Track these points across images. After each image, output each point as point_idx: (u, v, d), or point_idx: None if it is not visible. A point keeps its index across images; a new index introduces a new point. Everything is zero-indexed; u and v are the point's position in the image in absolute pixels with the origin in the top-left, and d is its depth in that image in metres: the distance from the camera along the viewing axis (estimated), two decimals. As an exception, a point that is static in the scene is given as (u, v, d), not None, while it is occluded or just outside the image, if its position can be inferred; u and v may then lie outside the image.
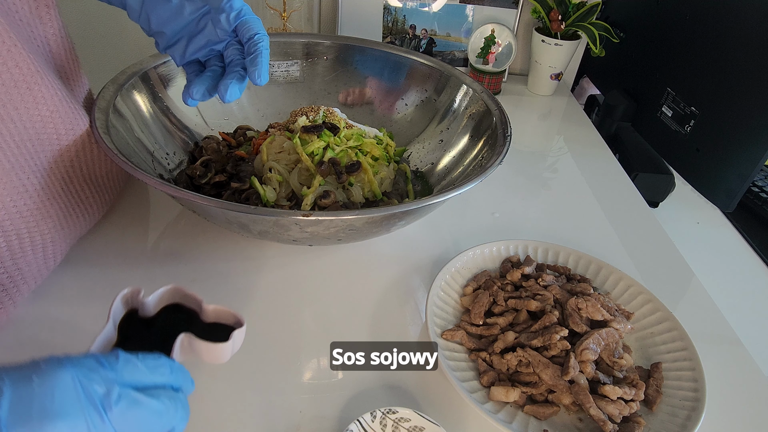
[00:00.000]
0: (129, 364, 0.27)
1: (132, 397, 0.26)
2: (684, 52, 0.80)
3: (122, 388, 0.26)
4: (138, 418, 0.26)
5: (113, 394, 0.25)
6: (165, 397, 0.28)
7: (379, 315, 0.52)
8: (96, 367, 0.26)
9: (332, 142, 0.59)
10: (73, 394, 0.24)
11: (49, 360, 0.25)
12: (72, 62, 0.51)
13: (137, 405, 0.26)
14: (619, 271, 0.54)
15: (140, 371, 0.28)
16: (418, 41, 1.02)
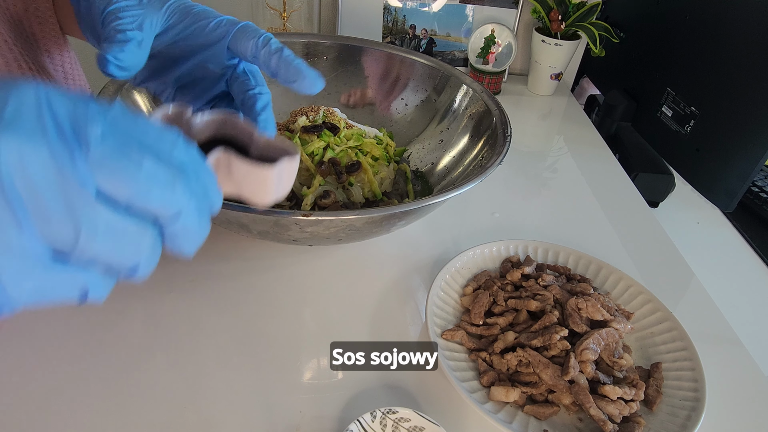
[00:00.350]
0: (126, 115, 0.20)
1: (122, 143, 0.18)
2: (684, 52, 0.80)
3: (109, 129, 0.18)
4: (126, 176, 0.19)
5: (94, 129, 0.18)
6: (167, 167, 0.20)
7: (379, 315, 0.52)
8: (78, 100, 0.19)
9: (332, 142, 0.59)
10: (34, 111, 0.17)
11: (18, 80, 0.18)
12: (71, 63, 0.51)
13: (126, 156, 0.18)
14: (619, 271, 0.54)
15: (141, 127, 0.20)
16: (418, 41, 1.02)
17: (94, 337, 0.47)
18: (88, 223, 0.18)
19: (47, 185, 0.17)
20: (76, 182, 0.18)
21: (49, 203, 0.17)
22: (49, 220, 0.17)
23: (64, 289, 0.20)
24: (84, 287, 0.20)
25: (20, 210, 0.17)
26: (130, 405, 0.42)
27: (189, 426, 0.41)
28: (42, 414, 0.40)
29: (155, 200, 0.19)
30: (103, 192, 0.18)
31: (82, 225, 0.18)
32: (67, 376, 0.43)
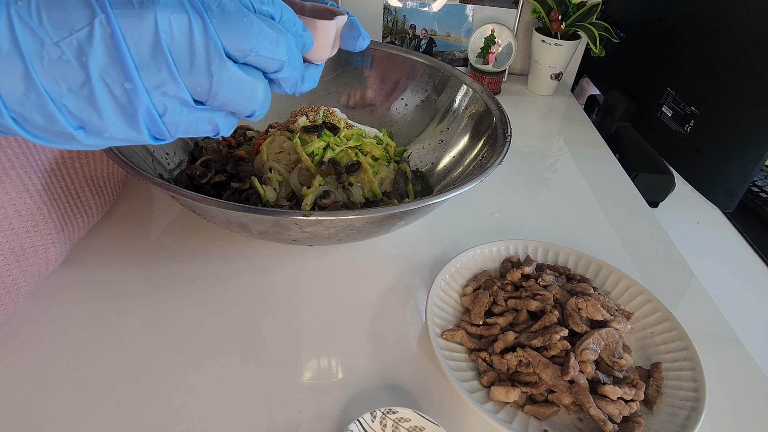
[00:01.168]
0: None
1: (236, 9, 0.24)
2: (684, 52, 0.80)
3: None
4: (242, 35, 0.24)
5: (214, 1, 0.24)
6: (271, 26, 0.26)
7: (379, 315, 0.52)
8: None
9: (332, 142, 0.59)
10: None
11: None
12: None
13: (240, 18, 0.24)
14: (619, 271, 0.54)
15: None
16: (418, 41, 1.02)
17: (94, 336, 0.47)
18: (218, 76, 0.24)
19: (189, 46, 0.23)
20: (210, 42, 0.23)
21: (191, 60, 0.23)
22: (192, 73, 0.23)
23: (202, 126, 0.26)
24: (215, 124, 0.26)
25: (173, 66, 0.23)
26: (130, 404, 0.42)
27: (189, 426, 0.41)
28: (42, 414, 0.40)
29: (265, 53, 0.25)
30: (227, 50, 0.24)
31: (214, 77, 0.24)
32: (67, 375, 0.43)
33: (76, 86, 0.22)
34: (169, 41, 0.23)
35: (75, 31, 0.21)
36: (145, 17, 0.22)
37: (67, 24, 0.21)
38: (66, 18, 0.21)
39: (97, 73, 0.22)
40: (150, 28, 0.22)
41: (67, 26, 0.21)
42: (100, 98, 0.23)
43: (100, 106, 0.23)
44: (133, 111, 0.23)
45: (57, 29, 0.21)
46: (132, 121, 0.24)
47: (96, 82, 0.22)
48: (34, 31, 0.21)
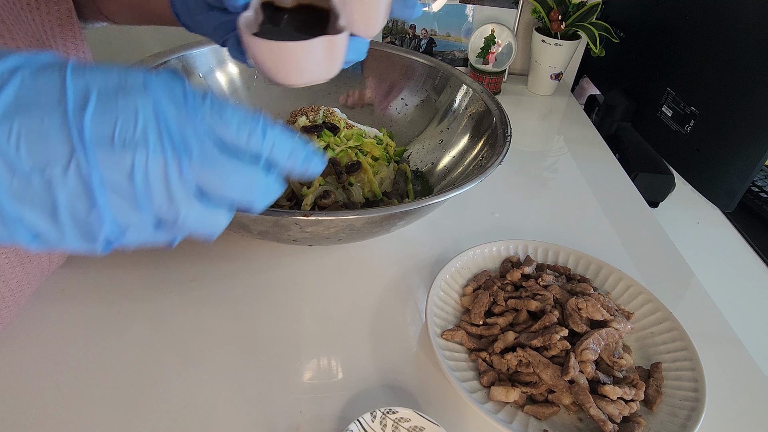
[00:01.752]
0: (216, 108, 0.24)
1: (213, 159, 0.24)
2: (684, 52, 0.80)
3: (202, 140, 0.24)
4: (217, 183, 0.24)
5: (196, 145, 0.24)
6: (246, 175, 0.25)
7: (379, 315, 0.52)
8: (182, 110, 0.23)
9: (332, 142, 0.59)
10: (154, 129, 0.23)
11: (135, 78, 0.23)
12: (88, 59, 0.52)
13: (217, 168, 0.24)
14: (619, 271, 0.54)
15: (226, 123, 0.24)
16: (418, 41, 1.02)
17: (94, 336, 0.47)
18: (185, 214, 0.24)
19: (162, 186, 0.23)
20: (183, 186, 0.24)
21: (161, 198, 0.23)
22: (160, 208, 0.24)
23: (158, 241, 0.26)
24: (172, 242, 0.26)
25: (142, 202, 0.23)
26: (131, 404, 0.42)
27: (189, 426, 0.41)
28: (43, 413, 0.40)
29: (237, 197, 0.25)
30: (199, 187, 0.24)
31: (180, 214, 0.24)
32: (68, 375, 0.43)
33: (40, 209, 0.22)
34: (143, 181, 0.23)
35: (51, 165, 0.21)
36: (124, 158, 0.22)
37: (45, 156, 0.21)
38: (45, 150, 0.21)
39: (64, 201, 0.22)
40: (126, 166, 0.22)
41: (44, 158, 0.21)
42: (64, 221, 0.23)
43: (63, 228, 0.23)
44: (93, 235, 0.23)
45: (33, 159, 0.21)
46: (90, 241, 0.24)
47: (62, 208, 0.22)
48: (9, 157, 0.21)
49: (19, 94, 0.21)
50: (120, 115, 0.22)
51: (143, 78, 0.23)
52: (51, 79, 0.22)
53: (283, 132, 0.26)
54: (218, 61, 0.69)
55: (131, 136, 0.22)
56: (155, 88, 0.23)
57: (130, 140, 0.22)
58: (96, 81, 0.22)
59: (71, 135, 0.21)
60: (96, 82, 0.22)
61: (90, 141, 0.21)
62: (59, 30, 0.46)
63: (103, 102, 0.22)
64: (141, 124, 0.22)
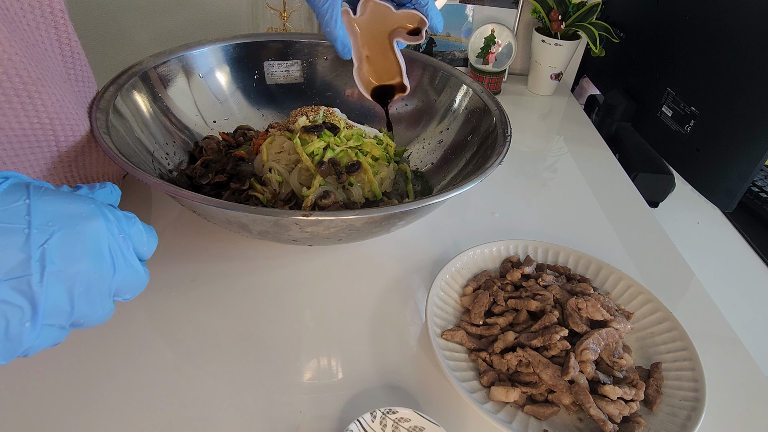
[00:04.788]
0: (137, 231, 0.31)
1: (133, 265, 0.29)
2: (684, 52, 0.80)
3: (129, 256, 0.29)
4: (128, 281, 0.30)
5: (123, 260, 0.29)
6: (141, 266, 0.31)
7: (379, 315, 0.52)
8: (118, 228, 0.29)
9: (332, 142, 0.59)
10: (105, 246, 0.27)
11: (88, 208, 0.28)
12: (81, 65, 0.51)
13: (133, 269, 0.30)
14: (619, 271, 0.54)
15: (141, 242, 0.31)
16: (418, 41, 1.02)
17: (94, 336, 0.47)
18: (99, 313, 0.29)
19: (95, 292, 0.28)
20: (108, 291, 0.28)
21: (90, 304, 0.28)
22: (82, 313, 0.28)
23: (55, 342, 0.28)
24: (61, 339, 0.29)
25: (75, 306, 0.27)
26: (131, 404, 0.42)
27: (189, 426, 0.41)
28: (42, 413, 0.40)
29: (133, 294, 0.31)
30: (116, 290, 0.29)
31: (97, 314, 0.28)
32: (68, 375, 0.43)
33: None
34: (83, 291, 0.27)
35: (3, 280, 0.24)
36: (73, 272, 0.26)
37: (2, 270, 0.24)
38: (4, 262, 0.24)
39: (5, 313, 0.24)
40: (71, 281, 0.26)
41: (2, 272, 0.24)
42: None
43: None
44: (17, 345, 0.25)
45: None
46: (11, 352, 0.25)
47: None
48: None
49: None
50: (74, 238, 0.26)
51: (93, 207, 0.28)
52: (18, 206, 0.25)
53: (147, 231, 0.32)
54: (218, 61, 0.69)
55: (83, 253, 0.26)
56: (101, 217, 0.27)
57: (79, 256, 0.26)
58: (57, 208, 0.26)
59: (30, 257, 0.24)
60: (57, 209, 0.26)
61: (45, 259, 0.25)
62: (54, 32, 0.46)
63: (61, 228, 0.26)
64: (92, 244, 0.26)
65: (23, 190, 0.26)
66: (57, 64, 0.47)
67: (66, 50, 0.48)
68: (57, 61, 0.47)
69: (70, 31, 0.48)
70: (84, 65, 0.52)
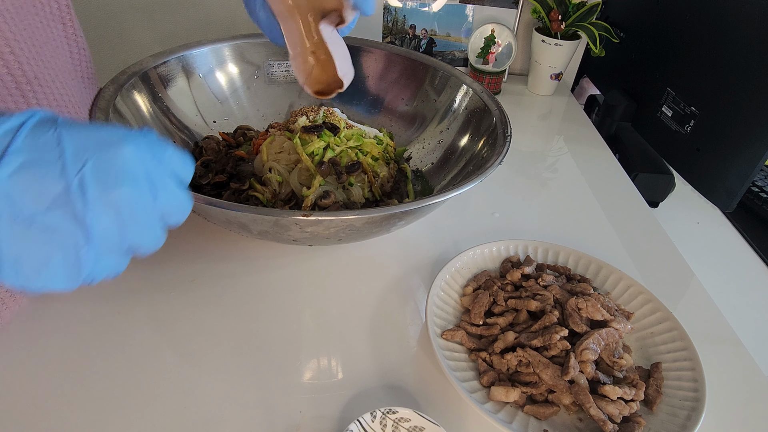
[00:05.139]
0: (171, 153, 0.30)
1: (170, 189, 0.29)
2: (684, 52, 0.80)
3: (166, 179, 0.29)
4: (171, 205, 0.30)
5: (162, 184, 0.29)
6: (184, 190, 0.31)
7: (379, 315, 0.52)
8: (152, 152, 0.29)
9: (332, 142, 0.59)
10: (140, 170, 0.27)
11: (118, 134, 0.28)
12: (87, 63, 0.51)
13: (173, 194, 0.29)
14: (619, 271, 0.54)
15: (176, 164, 0.30)
16: (418, 41, 1.02)
17: (94, 336, 0.47)
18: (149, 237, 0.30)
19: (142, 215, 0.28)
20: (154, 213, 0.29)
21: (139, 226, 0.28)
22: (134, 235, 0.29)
23: (118, 270, 0.30)
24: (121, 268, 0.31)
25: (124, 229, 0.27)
26: (131, 405, 0.42)
27: (189, 426, 0.41)
28: (43, 414, 0.40)
29: (179, 219, 0.31)
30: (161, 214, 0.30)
31: (146, 238, 0.29)
32: (68, 375, 0.43)
33: (36, 248, 0.25)
34: (129, 213, 0.27)
35: (51, 209, 0.25)
36: (115, 197, 0.26)
37: (45, 203, 0.25)
38: (45, 197, 0.25)
39: (59, 241, 0.25)
40: (116, 204, 0.26)
41: (44, 204, 0.25)
42: (55, 261, 0.25)
43: (52, 265, 0.26)
44: (79, 270, 0.26)
45: (35, 205, 0.24)
46: (75, 276, 0.27)
47: (55, 247, 0.25)
48: (15, 203, 0.24)
49: (25, 151, 0.24)
50: (108, 164, 0.26)
51: (123, 133, 0.28)
52: (48, 138, 0.25)
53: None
54: (218, 61, 0.69)
55: (119, 179, 0.26)
56: (131, 142, 0.27)
57: (116, 182, 0.26)
58: (87, 136, 0.26)
59: (70, 184, 0.25)
60: (87, 137, 0.26)
61: (85, 186, 0.25)
62: (62, 28, 0.46)
63: (94, 155, 0.26)
64: (128, 169, 0.27)
65: (51, 123, 0.26)
66: (66, 61, 0.47)
67: (74, 47, 0.48)
68: (66, 58, 0.47)
69: (77, 27, 0.48)
70: (89, 62, 0.52)
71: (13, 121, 0.25)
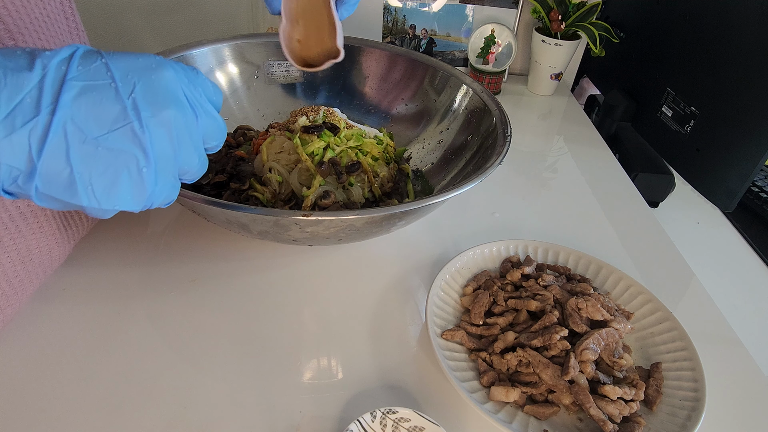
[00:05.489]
0: (202, 79, 0.32)
1: (209, 111, 0.31)
2: (684, 52, 0.80)
3: (204, 101, 0.31)
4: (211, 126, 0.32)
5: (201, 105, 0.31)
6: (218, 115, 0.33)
7: (379, 315, 0.52)
8: (188, 77, 0.31)
9: (332, 142, 0.59)
10: (181, 93, 0.29)
11: (156, 60, 0.30)
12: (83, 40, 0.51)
13: (211, 116, 0.32)
14: (619, 271, 0.54)
15: (209, 89, 0.32)
16: (418, 41, 1.02)
17: (94, 336, 0.47)
18: (197, 160, 0.32)
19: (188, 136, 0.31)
20: (197, 134, 0.31)
21: (187, 148, 0.31)
22: (185, 158, 0.31)
23: (171, 197, 0.32)
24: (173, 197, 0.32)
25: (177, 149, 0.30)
26: (131, 405, 0.42)
27: (189, 426, 0.41)
28: (43, 413, 0.40)
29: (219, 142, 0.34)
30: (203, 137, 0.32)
31: (195, 160, 0.32)
32: (68, 375, 0.43)
33: (102, 167, 0.27)
34: (177, 134, 0.29)
35: (112, 131, 0.27)
36: (163, 116, 0.28)
37: (107, 125, 0.27)
38: (106, 119, 0.27)
39: (122, 160, 0.27)
40: (166, 123, 0.28)
41: (105, 126, 0.27)
42: (122, 179, 0.28)
43: (119, 185, 0.28)
44: (143, 189, 0.29)
45: (99, 127, 0.27)
46: (140, 196, 0.29)
47: (120, 166, 0.27)
48: (83, 127, 0.26)
49: (80, 78, 0.26)
50: (154, 87, 0.28)
51: (160, 59, 0.30)
52: (98, 66, 0.27)
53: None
54: (218, 61, 0.69)
55: (167, 100, 0.28)
56: (169, 67, 0.29)
57: (163, 103, 0.28)
58: (130, 63, 0.28)
59: (125, 106, 0.27)
60: (130, 64, 0.28)
61: (138, 108, 0.27)
62: (65, 23, 0.46)
63: (140, 79, 0.28)
64: (171, 92, 0.29)
65: (97, 53, 0.28)
66: (63, 33, 0.47)
67: (76, 41, 0.48)
68: (64, 30, 0.47)
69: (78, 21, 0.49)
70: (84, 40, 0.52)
71: (63, 52, 0.27)
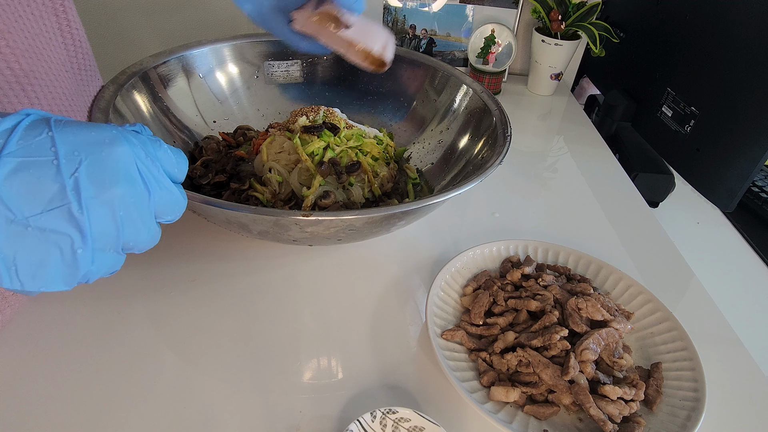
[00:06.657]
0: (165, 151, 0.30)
1: (165, 186, 0.30)
2: (684, 52, 0.80)
3: (160, 176, 0.29)
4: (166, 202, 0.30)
5: (155, 181, 0.29)
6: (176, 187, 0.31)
7: (379, 315, 0.52)
8: (145, 151, 0.29)
9: (332, 142, 0.59)
10: (134, 169, 0.27)
11: (110, 134, 0.28)
12: (84, 54, 0.51)
13: (167, 191, 0.30)
14: (619, 271, 0.54)
15: (170, 162, 0.31)
16: (418, 41, 1.02)
17: (94, 336, 0.47)
18: (145, 234, 0.30)
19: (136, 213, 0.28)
20: (149, 211, 0.29)
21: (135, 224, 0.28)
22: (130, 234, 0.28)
23: (113, 268, 0.30)
24: (117, 266, 0.30)
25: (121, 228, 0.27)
26: (131, 405, 0.42)
27: (189, 426, 0.41)
28: (43, 413, 0.40)
29: (175, 215, 0.33)
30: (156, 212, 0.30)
31: (143, 235, 0.30)
32: (68, 375, 0.43)
33: (32, 249, 0.25)
34: (124, 213, 0.27)
35: (46, 211, 0.25)
36: (109, 195, 0.26)
37: (41, 204, 0.25)
38: (41, 199, 0.25)
39: (55, 241, 0.25)
40: (111, 203, 0.26)
41: (40, 206, 0.25)
42: (53, 262, 0.25)
43: (48, 268, 0.26)
44: (76, 270, 0.26)
45: (31, 207, 0.24)
46: (72, 277, 0.26)
47: (52, 249, 0.25)
48: (11, 205, 0.24)
49: (19, 154, 0.24)
50: (103, 163, 0.26)
51: (115, 133, 0.27)
52: (42, 139, 0.25)
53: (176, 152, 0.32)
54: (218, 61, 0.69)
55: (114, 178, 0.26)
56: (124, 141, 0.27)
57: (111, 181, 0.26)
58: (80, 137, 0.26)
59: (65, 186, 0.25)
60: (80, 138, 0.26)
61: (79, 187, 0.25)
62: (55, 20, 0.46)
63: (88, 155, 0.26)
64: (122, 168, 0.27)
65: (44, 123, 0.26)
66: (60, 54, 0.47)
67: (68, 39, 0.48)
68: (60, 50, 0.47)
69: (72, 19, 0.48)
70: (87, 54, 0.52)
71: (6, 123, 0.25)
